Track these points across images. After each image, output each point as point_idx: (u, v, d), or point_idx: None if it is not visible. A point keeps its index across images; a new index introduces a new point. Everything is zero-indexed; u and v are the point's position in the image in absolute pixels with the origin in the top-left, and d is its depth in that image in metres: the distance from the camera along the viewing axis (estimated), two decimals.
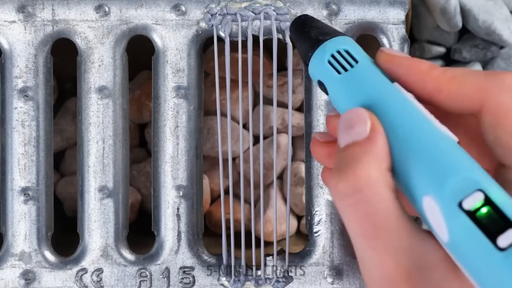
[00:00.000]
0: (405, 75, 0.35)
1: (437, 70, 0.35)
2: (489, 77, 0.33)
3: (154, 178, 0.53)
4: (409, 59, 0.36)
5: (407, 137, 0.32)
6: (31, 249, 0.53)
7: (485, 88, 0.33)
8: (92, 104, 0.53)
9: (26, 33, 0.53)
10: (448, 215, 0.29)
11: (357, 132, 0.33)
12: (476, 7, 0.69)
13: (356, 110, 0.34)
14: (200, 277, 0.53)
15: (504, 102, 0.33)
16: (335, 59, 0.37)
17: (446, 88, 0.34)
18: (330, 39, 0.38)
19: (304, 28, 0.40)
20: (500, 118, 0.33)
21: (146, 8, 0.53)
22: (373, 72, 0.36)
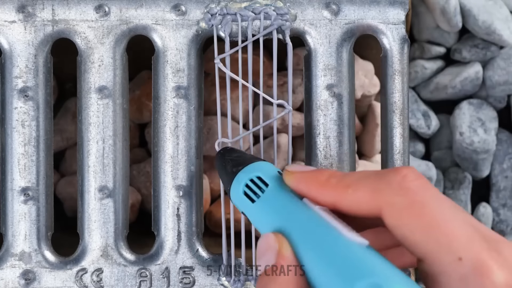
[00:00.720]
0: (307, 189, 0.37)
1: (334, 179, 0.36)
2: (380, 179, 0.35)
3: (154, 178, 0.53)
4: (309, 172, 0.38)
5: (318, 250, 0.34)
6: (31, 249, 0.53)
7: (378, 191, 0.34)
8: (92, 104, 0.53)
9: (26, 33, 0.53)
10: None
11: (267, 258, 0.35)
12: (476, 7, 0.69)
13: (265, 237, 0.36)
14: (200, 277, 0.53)
15: (397, 202, 0.34)
16: (249, 188, 0.40)
17: (344, 196, 0.35)
18: (242, 170, 0.41)
19: (222, 162, 0.44)
20: (398, 219, 0.33)
21: (146, 8, 0.53)
22: (282, 193, 0.38)
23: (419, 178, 0.34)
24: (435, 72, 0.73)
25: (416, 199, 0.33)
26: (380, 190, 0.34)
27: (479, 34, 0.70)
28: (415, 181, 0.34)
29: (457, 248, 0.32)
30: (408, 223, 0.33)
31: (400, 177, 0.34)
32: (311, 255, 0.34)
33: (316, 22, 0.53)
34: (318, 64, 0.53)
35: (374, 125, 0.69)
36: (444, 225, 0.32)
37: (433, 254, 0.32)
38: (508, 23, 0.70)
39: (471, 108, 0.72)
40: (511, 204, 0.74)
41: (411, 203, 0.33)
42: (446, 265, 0.32)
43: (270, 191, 0.39)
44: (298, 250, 0.35)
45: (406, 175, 0.34)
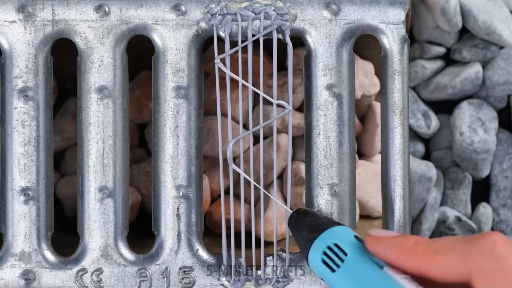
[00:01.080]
0: (393, 256, 0.37)
1: (421, 245, 0.36)
2: (470, 244, 0.35)
3: (154, 178, 0.53)
4: (394, 238, 0.38)
5: None
6: (31, 249, 0.53)
7: (468, 256, 0.34)
8: (92, 104, 0.53)
9: (26, 33, 0.53)
10: None
11: None
12: (476, 7, 0.69)
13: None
14: (200, 277, 0.53)
15: (489, 267, 0.34)
16: (327, 256, 0.40)
17: (433, 263, 0.35)
18: (319, 237, 0.42)
19: (297, 227, 0.45)
20: (490, 284, 0.34)
21: (146, 8, 0.53)
22: (363, 263, 0.38)
23: (509, 244, 0.34)
24: (435, 72, 0.73)
25: (507, 265, 0.33)
26: (471, 256, 0.34)
27: (479, 34, 0.70)
28: (505, 246, 0.34)
29: None
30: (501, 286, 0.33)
31: (490, 243, 0.34)
32: None
33: (316, 22, 0.53)
34: (318, 64, 0.53)
35: (374, 125, 0.69)
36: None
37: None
38: (508, 23, 0.70)
39: (471, 108, 0.72)
40: (511, 204, 0.74)
41: (503, 269, 0.33)
42: None
43: (349, 261, 0.39)
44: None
45: (497, 240, 0.34)
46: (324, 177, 0.53)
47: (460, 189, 0.73)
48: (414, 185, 0.71)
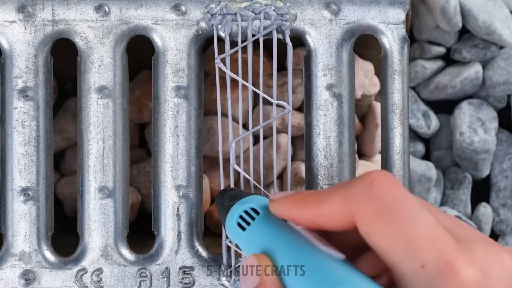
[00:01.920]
0: (289, 213, 0.37)
1: (310, 196, 0.36)
2: (350, 187, 0.34)
3: (154, 178, 0.53)
4: (289, 196, 0.38)
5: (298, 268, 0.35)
6: (31, 249, 0.53)
7: (349, 200, 0.34)
8: (92, 104, 0.53)
9: (26, 33, 0.53)
10: None
11: (251, 280, 0.36)
12: (476, 7, 0.69)
13: (247, 258, 0.37)
14: (200, 277, 0.53)
15: (367, 208, 0.33)
16: (243, 219, 0.41)
17: (321, 212, 0.35)
18: (237, 203, 0.42)
19: (221, 200, 0.45)
20: (368, 227, 0.33)
21: (146, 8, 0.53)
22: (270, 220, 0.39)
23: (387, 182, 0.33)
24: (435, 72, 0.73)
25: (383, 205, 0.32)
26: (351, 198, 0.34)
27: (479, 34, 0.70)
28: (382, 186, 0.33)
29: (420, 254, 0.31)
30: (377, 230, 0.32)
31: (367, 183, 0.33)
32: (292, 271, 0.35)
33: (316, 22, 0.53)
34: (318, 64, 0.53)
35: (374, 125, 0.69)
36: (407, 231, 0.31)
37: (399, 263, 0.32)
38: (508, 23, 0.70)
39: (471, 108, 0.72)
40: (511, 204, 0.74)
41: (379, 210, 0.32)
42: (410, 274, 0.31)
43: (259, 219, 0.40)
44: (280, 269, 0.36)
45: (373, 180, 0.33)
46: (324, 177, 0.53)
47: (460, 189, 0.73)
48: (414, 185, 0.71)
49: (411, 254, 0.31)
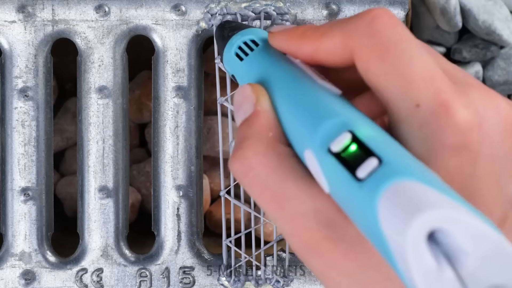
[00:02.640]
0: (287, 46, 0.36)
1: (310, 30, 0.35)
2: (351, 22, 0.33)
3: (154, 178, 0.53)
4: (289, 29, 0.36)
5: (292, 96, 0.33)
6: (31, 249, 0.53)
7: (348, 34, 0.33)
8: (92, 104, 0.53)
9: (26, 33, 0.53)
10: (321, 162, 0.29)
11: (245, 109, 0.34)
12: (476, 7, 0.69)
13: (242, 88, 0.35)
14: (200, 277, 0.53)
15: (366, 44, 0.32)
16: (241, 50, 0.39)
17: (320, 46, 0.34)
18: (237, 33, 0.40)
19: (220, 31, 0.43)
20: (365, 62, 0.32)
21: (146, 8, 0.53)
22: (269, 51, 0.37)
23: (389, 19, 0.32)
24: None
25: (382, 41, 0.31)
26: (351, 33, 0.32)
27: (479, 34, 0.70)
28: (385, 22, 0.32)
29: (416, 93, 0.30)
30: (374, 67, 0.31)
31: (369, 18, 0.32)
32: (285, 102, 0.33)
33: (316, 22, 0.53)
34: None
35: None
36: (404, 69, 0.30)
37: (394, 101, 0.31)
38: (508, 23, 0.70)
39: None
40: None
41: (378, 45, 0.31)
42: (405, 113, 0.30)
43: (258, 50, 0.38)
44: (275, 100, 0.34)
45: (376, 16, 0.32)
46: None
47: None
48: None
49: (406, 92, 0.30)
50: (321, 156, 0.29)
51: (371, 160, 0.27)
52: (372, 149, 0.27)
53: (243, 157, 0.32)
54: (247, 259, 0.53)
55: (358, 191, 0.27)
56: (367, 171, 0.27)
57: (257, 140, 0.32)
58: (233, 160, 0.32)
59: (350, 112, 0.30)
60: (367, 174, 0.27)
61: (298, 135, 0.32)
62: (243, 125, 0.34)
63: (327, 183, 0.29)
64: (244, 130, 0.33)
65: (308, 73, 0.34)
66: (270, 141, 0.32)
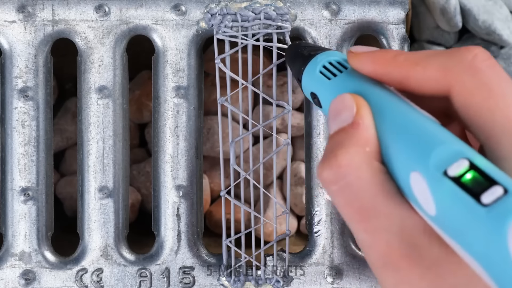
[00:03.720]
0: (374, 69, 0.36)
1: (401, 56, 0.35)
2: (451, 56, 0.34)
3: (154, 178, 0.53)
4: (375, 52, 0.36)
5: (393, 121, 0.33)
6: (31, 249, 0.53)
7: (448, 69, 0.33)
8: (92, 104, 0.53)
9: (26, 33, 0.53)
10: (433, 185, 0.30)
11: (343, 118, 0.34)
12: (476, 7, 0.69)
13: (342, 96, 0.35)
14: (200, 277, 0.53)
15: (468, 81, 0.33)
16: (327, 69, 0.39)
17: (413, 74, 0.34)
18: (321, 53, 0.40)
19: (297, 49, 0.43)
20: (466, 99, 0.33)
21: (146, 8, 0.53)
22: (359, 74, 0.37)
23: (490, 59, 0.33)
24: None
25: (486, 80, 0.33)
26: (451, 68, 0.33)
27: (479, 34, 0.70)
28: (486, 61, 0.33)
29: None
30: (476, 103, 0.32)
31: (471, 56, 0.33)
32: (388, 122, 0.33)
33: (316, 22, 0.53)
34: None
35: None
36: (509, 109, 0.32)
37: (497, 138, 0.32)
38: (508, 23, 0.70)
39: None
40: None
41: (481, 84, 0.32)
42: (509, 150, 0.31)
43: (348, 72, 0.38)
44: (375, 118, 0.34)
45: (477, 54, 0.33)
46: None
47: None
48: None
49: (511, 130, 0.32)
50: (433, 179, 0.30)
51: (496, 188, 0.28)
52: (494, 178, 0.29)
53: (337, 165, 0.32)
54: (247, 259, 0.53)
55: (482, 217, 0.28)
56: (493, 198, 0.28)
57: (354, 151, 0.33)
58: (324, 166, 0.33)
59: (459, 140, 0.31)
60: (492, 201, 0.28)
61: (402, 156, 0.32)
62: (340, 133, 0.34)
63: (436, 206, 0.30)
64: (340, 138, 0.33)
65: (405, 99, 0.35)
66: (367, 155, 0.33)
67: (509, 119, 0.32)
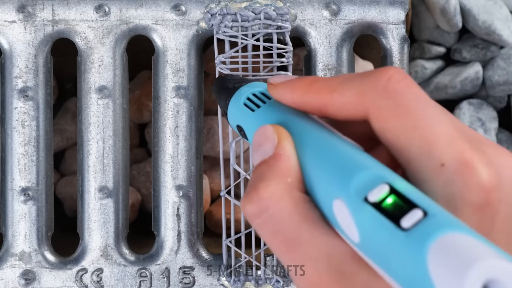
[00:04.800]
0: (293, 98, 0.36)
1: (318, 83, 0.35)
2: (366, 80, 0.33)
3: (154, 178, 0.53)
4: (292, 81, 0.36)
5: (315, 149, 0.33)
6: (31, 249, 0.53)
7: (364, 93, 0.33)
8: (92, 104, 0.53)
9: (26, 33, 0.53)
10: (355, 211, 0.30)
11: (265, 150, 0.34)
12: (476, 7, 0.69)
13: (264, 128, 0.35)
14: (200, 277, 0.53)
15: (384, 104, 0.32)
16: (251, 101, 0.39)
17: (330, 101, 0.34)
18: (245, 85, 0.40)
19: (223, 82, 0.43)
20: (383, 123, 0.32)
21: (146, 8, 0.53)
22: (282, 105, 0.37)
23: (405, 79, 0.33)
24: (435, 72, 0.73)
25: (401, 102, 0.32)
26: (366, 93, 0.33)
27: (479, 34, 0.70)
28: (401, 82, 0.32)
29: (439, 153, 0.31)
30: (393, 127, 0.32)
31: (385, 79, 0.33)
32: (309, 151, 0.33)
33: (316, 22, 0.53)
34: (318, 64, 0.53)
35: None
36: (426, 129, 0.31)
37: (416, 161, 0.31)
38: (508, 23, 0.70)
39: (471, 108, 0.72)
40: None
41: (396, 106, 0.32)
42: (429, 172, 0.31)
43: (271, 102, 0.38)
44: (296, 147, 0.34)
45: (392, 76, 0.33)
46: None
47: None
48: None
49: (430, 152, 0.31)
50: (355, 206, 0.30)
51: (415, 211, 0.28)
52: (414, 202, 0.28)
53: (258, 198, 0.32)
54: (247, 259, 0.53)
55: (402, 241, 0.28)
56: (412, 221, 0.28)
57: (275, 183, 0.33)
58: (246, 200, 0.33)
59: (380, 165, 0.31)
60: (412, 225, 0.28)
61: (324, 184, 0.32)
62: (261, 166, 0.34)
63: (359, 232, 0.30)
64: (261, 171, 0.34)
65: (327, 126, 0.35)
66: (288, 186, 0.33)
67: (426, 140, 0.31)
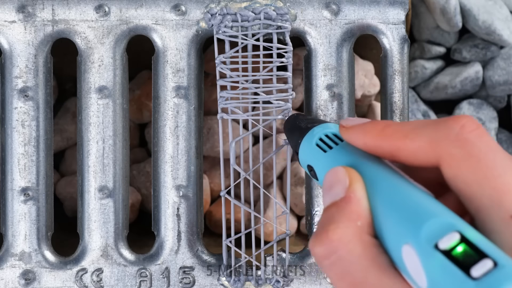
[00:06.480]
0: (365, 142, 0.36)
1: (390, 128, 0.36)
2: (438, 128, 0.34)
3: (154, 178, 0.53)
4: (364, 125, 0.37)
5: (386, 194, 0.34)
6: (31, 249, 0.53)
7: (436, 141, 0.34)
8: (92, 104, 0.53)
9: (26, 33, 0.53)
10: (425, 258, 0.30)
11: (336, 192, 0.35)
12: (476, 7, 0.69)
13: (336, 169, 0.35)
14: (200, 277, 0.53)
15: (456, 153, 0.33)
16: (323, 142, 0.40)
17: (402, 147, 0.35)
18: (318, 126, 0.41)
19: (295, 121, 0.44)
20: (455, 171, 0.33)
21: (146, 8, 0.53)
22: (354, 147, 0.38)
23: (477, 128, 0.33)
24: (435, 72, 0.73)
25: (473, 151, 0.33)
26: (439, 140, 0.33)
27: (479, 34, 0.70)
28: (473, 132, 0.33)
29: (509, 204, 0.31)
30: (464, 175, 0.32)
31: (458, 127, 0.33)
32: (381, 195, 0.34)
33: (316, 22, 0.53)
34: (318, 64, 0.53)
35: None
36: (497, 180, 0.32)
37: (486, 210, 0.32)
38: (508, 23, 0.70)
39: (471, 108, 0.72)
40: None
41: (468, 156, 0.33)
42: (499, 222, 0.31)
43: (343, 144, 0.39)
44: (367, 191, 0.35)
45: (465, 125, 0.33)
46: None
47: None
48: None
49: (500, 202, 0.31)
50: (425, 252, 0.30)
51: (485, 261, 0.29)
52: (485, 251, 0.29)
53: (328, 240, 0.33)
54: (247, 259, 0.53)
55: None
56: (482, 271, 0.28)
57: (345, 226, 0.33)
58: (315, 241, 0.33)
59: (450, 213, 0.32)
60: (482, 274, 0.28)
61: (394, 229, 0.32)
62: (331, 208, 0.34)
63: (427, 279, 0.30)
64: (331, 213, 0.34)
65: (398, 171, 0.35)
66: (358, 230, 0.33)
67: (497, 190, 0.32)
